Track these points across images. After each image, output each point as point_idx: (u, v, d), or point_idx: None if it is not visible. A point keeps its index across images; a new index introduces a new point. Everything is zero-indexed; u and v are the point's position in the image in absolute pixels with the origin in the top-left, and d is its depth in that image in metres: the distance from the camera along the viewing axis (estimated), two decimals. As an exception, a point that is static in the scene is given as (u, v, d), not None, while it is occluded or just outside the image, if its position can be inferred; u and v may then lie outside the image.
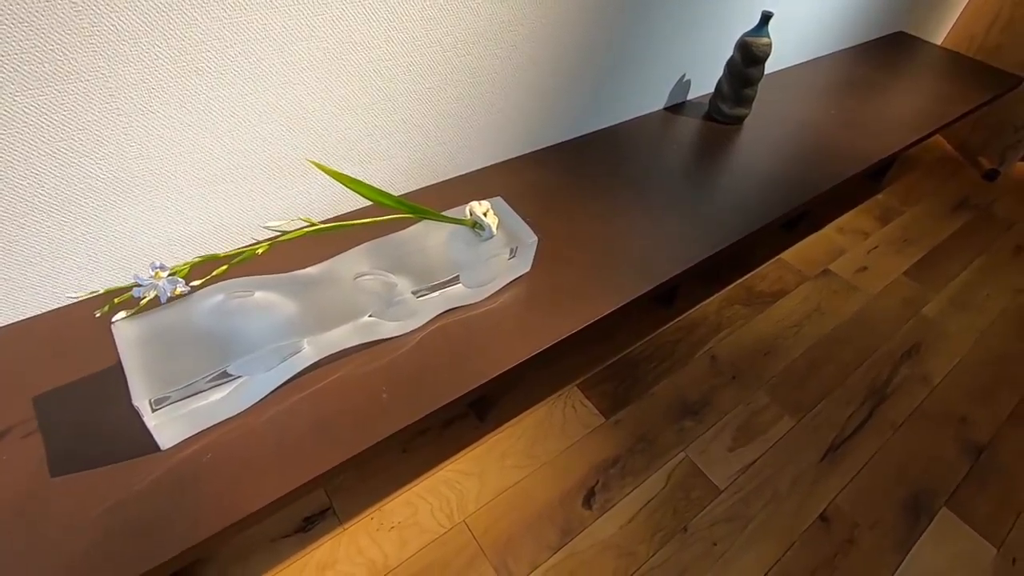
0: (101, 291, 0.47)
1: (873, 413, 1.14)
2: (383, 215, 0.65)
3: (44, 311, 0.70)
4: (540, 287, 0.81)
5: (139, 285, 0.46)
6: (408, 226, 0.76)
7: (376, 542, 0.87)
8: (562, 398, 1.09)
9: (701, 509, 0.97)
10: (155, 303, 0.54)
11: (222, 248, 0.79)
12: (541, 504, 0.94)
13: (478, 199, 0.75)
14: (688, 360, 1.19)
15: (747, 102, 1.19)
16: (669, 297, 1.25)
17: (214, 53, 0.63)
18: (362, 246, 0.72)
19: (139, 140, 0.64)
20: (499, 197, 0.80)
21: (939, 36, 2.09)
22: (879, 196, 1.72)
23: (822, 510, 0.99)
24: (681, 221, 0.97)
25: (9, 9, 0.51)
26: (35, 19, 0.52)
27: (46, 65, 0.55)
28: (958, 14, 2.03)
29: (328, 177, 0.59)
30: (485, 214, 0.72)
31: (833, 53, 1.66)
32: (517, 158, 1.06)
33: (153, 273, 0.46)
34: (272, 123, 0.73)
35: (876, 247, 1.54)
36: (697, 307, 1.30)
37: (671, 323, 1.26)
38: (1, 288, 0.65)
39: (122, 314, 0.47)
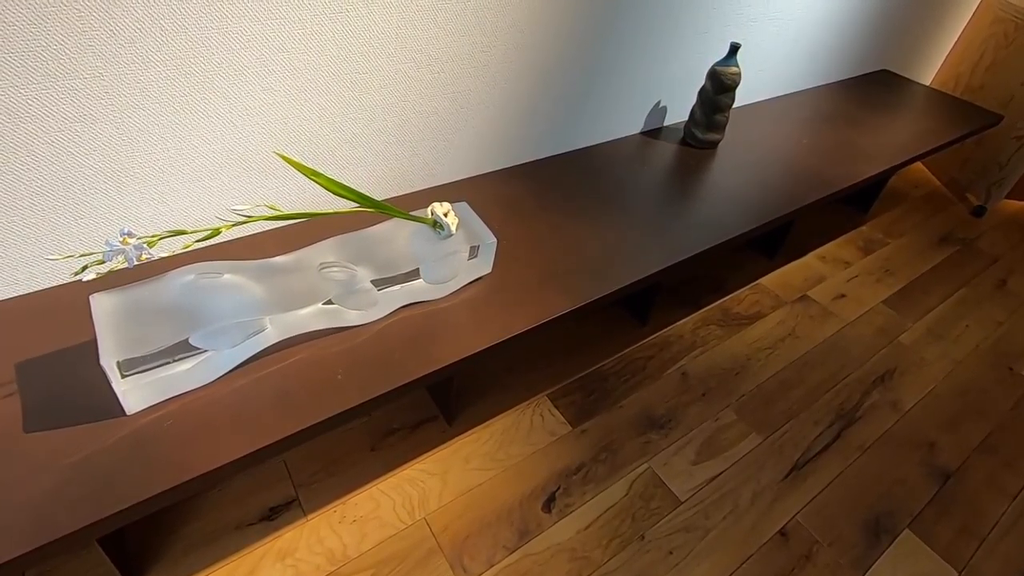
0: (77, 255, 0.53)
1: (840, 435, 1.15)
2: (345, 211, 0.70)
3: (36, 289, 0.76)
4: (499, 287, 0.86)
5: (109, 249, 0.51)
6: (375, 224, 0.81)
7: (337, 533, 0.90)
8: (531, 406, 1.12)
9: (660, 519, 0.98)
10: (133, 279, 0.60)
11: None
12: (501, 505, 0.96)
13: (445, 204, 0.81)
14: (659, 376, 1.21)
15: (719, 128, 1.25)
16: (643, 315, 1.28)
17: (201, 58, 0.71)
18: (329, 240, 0.77)
19: (130, 135, 0.71)
20: (463, 202, 0.85)
21: (927, 76, 2.15)
22: (863, 228, 1.75)
23: (782, 526, 0.99)
24: (645, 234, 1.01)
25: (20, 11, 0.58)
26: (43, 21, 0.60)
27: (50, 63, 0.62)
28: (945, 55, 2.10)
29: (304, 178, 0.65)
30: (445, 214, 0.77)
31: (813, 88, 1.72)
32: (492, 172, 1.12)
33: (121, 239, 0.51)
34: (253, 125, 0.80)
35: (856, 276, 1.56)
36: (672, 326, 1.33)
37: (645, 340, 1.28)
38: (-3, 264, 0.71)
39: (92, 275, 0.52)
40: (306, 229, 0.83)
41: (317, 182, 0.65)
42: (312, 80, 0.80)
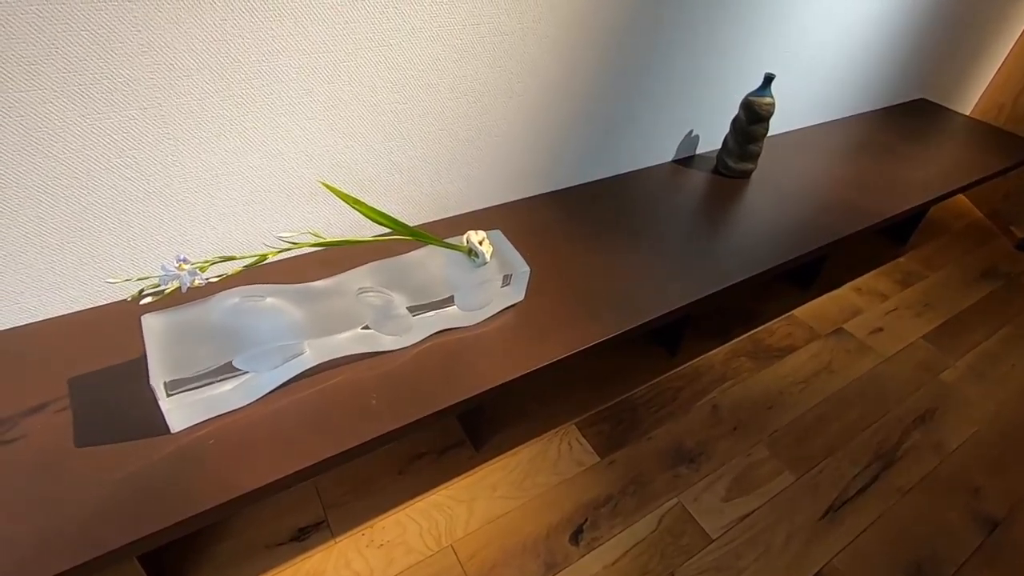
0: (135, 278, 0.55)
1: (879, 476, 1.11)
2: (384, 238, 0.72)
3: (90, 306, 0.79)
4: (531, 316, 0.86)
5: (165, 273, 0.53)
6: (411, 251, 0.83)
7: (364, 557, 0.90)
8: (558, 435, 1.11)
9: (690, 556, 0.95)
10: (180, 300, 0.62)
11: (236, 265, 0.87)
12: (528, 536, 0.95)
13: (480, 231, 0.82)
14: (689, 408, 1.19)
15: (752, 157, 1.24)
16: (673, 345, 1.27)
17: (252, 90, 0.74)
18: (367, 265, 0.79)
19: (182, 161, 0.74)
20: (497, 230, 0.86)
21: (966, 106, 2.11)
22: (901, 259, 1.71)
23: (818, 570, 0.95)
24: (676, 264, 1.01)
25: (89, 46, 0.62)
26: (110, 55, 0.63)
27: (114, 94, 0.66)
28: (986, 84, 2.06)
29: (343, 204, 0.67)
30: (480, 242, 0.78)
31: (849, 117, 1.71)
32: (524, 199, 1.13)
33: (177, 264, 0.53)
34: (297, 153, 0.82)
35: (894, 309, 1.52)
36: (702, 356, 1.31)
37: (675, 370, 1.27)
38: (54, 283, 0.75)
39: (148, 299, 0.54)
40: (344, 253, 0.85)
41: (359, 210, 0.67)
42: (354, 110, 0.83)
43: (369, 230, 0.97)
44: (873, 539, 1.00)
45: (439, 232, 1.03)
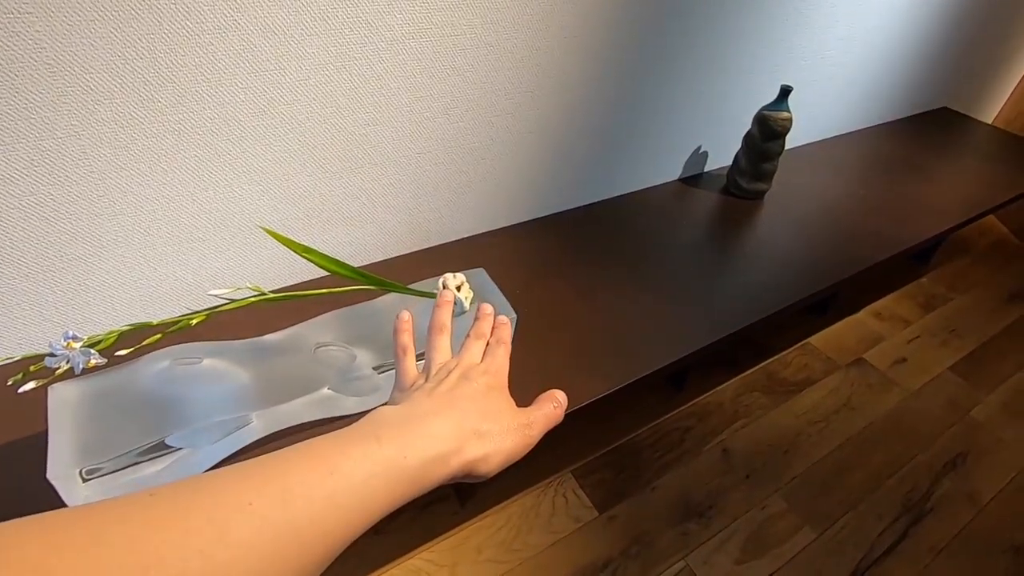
0: (17, 357, 0.45)
1: (908, 533, 1.00)
2: (345, 285, 0.61)
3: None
4: (518, 369, 0.74)
5: (52, 355, 0.43)
6: (379, 296, 0.72)
7: (329, 636, 0.79)
8: (553, 486, 1.00)
9: (699, 632, 0.85)
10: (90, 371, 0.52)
11: (179, 310, 0.76)
12: (516, 608, 0.84)
13: (464, 267, 0.71)
14: (698, 452, 1.09)
15: (767, 177, 1.13)
16: (679, 380, 1.16)
17: (191, 113, 0.63)
18: (327, 315, 0.68)
19: (111, 197, 0.64)
20: (481, 269, 0.75)
21: (989, 114, 2.00)
22: (923, 280, 1.60)
23: (844, 648, 0.85)
24: (683, 302, 0.90)
25: (-18, 69, 0.51)
26: (8, 77, 0.53)
27: (19, 123, 0.55)
28: (1009, 92, 1.94)
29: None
30: (459, 288, 0.67)
31: (869, 127, 1.59)
32: (514, 225, 1.02)
33: (65, 343, 0.43)
34: (249, 183, 0.72)
35: (918, 337, 1.41)
36: (711, 392, 1.20)
37: (681, 408, 1.16)
38: (-38, 337, 0.64)
39: (31, 384, 0.44)
40: (299, 301, 0.75)
41: (310, 259, 0.56)
42: (316, 134, 0.73)
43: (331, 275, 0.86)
44: (905, 611, 0.89)
45: (418, 265, 0.92)
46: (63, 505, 0.51)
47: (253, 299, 0.54)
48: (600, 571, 0.90)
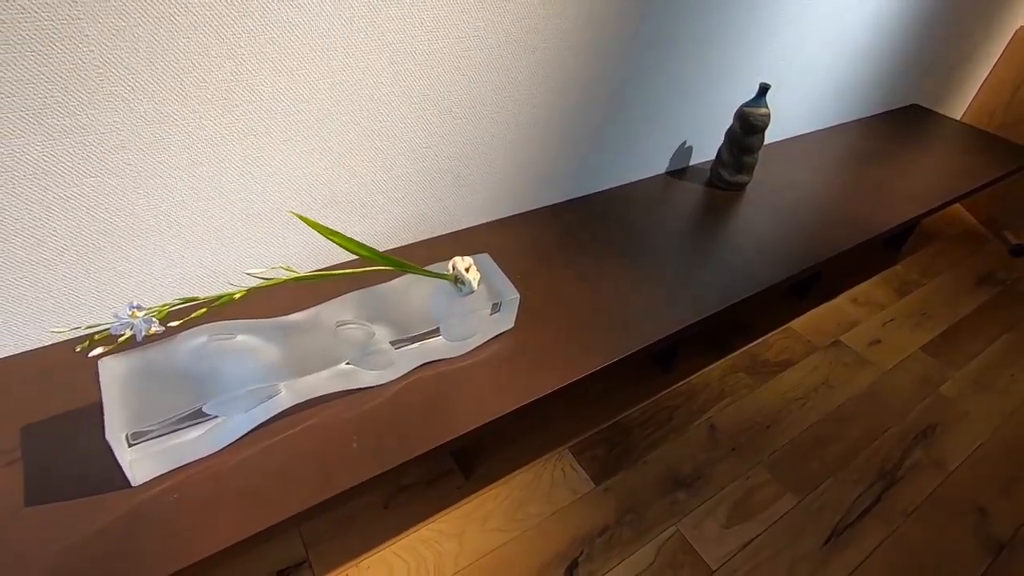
0: (83, 328, 0.50)
1: (882, 497, 1.07)
2: (364, 267, 0.67)
3: (47, 344, 0.74)
4: (522, 345, 0.82)
5: (117, 322, 0.49)
6: (394, 278, 0.78)
7: (347, 600, 0.85)
8: (551, 460, 1.06)
9: (690, 589, 0.91)
10: (135, 343, 0.57)
11: (214, 291, 0.82)
12: (521, 571, 0.90)
13: (467, 254, 0.78)
14: (685, 429, 1.16)
15: (748, 169, 1.20)
16: (667, 361, 1.23)
17: (220, 111, 0.69)
18: (346, 295, 0.74)
19: (145, 189, 0.69)
20: (485, 254, 0.82)
21: (957, 111, 2.10)
22: (897, 267, 1.69)
23: (823, 600, 0.92)
24: (671, 284, 0.97)
25: (33, 67, 0.57)
26: (60, 77, 0.58)
27: (65, 119, 0.61)
28: (976, 89, 2.04)
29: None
30: (467, 269, 0.73)
31: (843, 124, 1.68)
32: (513, 216, 1.09)
33: (130, 312, 0.48)
34: (271, 176, 0.77)
35: (892, 320, 1.49)
36: (698, 373, 1.27)
37: (670, 388, 1.23)
38: (7, 320, 0.69)
39: (99, 349, 0.50)
40: (321, 283, 0.80)
41: (335, 241, 0.62)
42: (332, 130, 0.78)
43: (347, 256, 0.92)
44: (878, 565, 0.97)
45: (424, 253, 0.99)
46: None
47: (287, 278, 0.60)
48: (598, 536, 0.96)
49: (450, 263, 0.75)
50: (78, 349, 0.51)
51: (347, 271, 0.66)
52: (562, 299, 0.91)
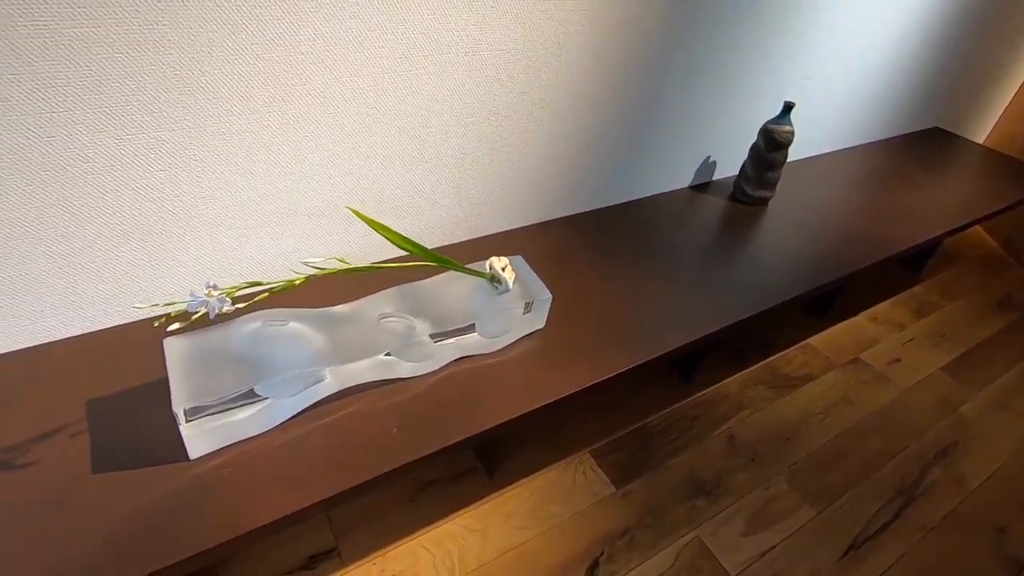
0: (162, 304, 0.54)
1: (901, 513, 1.08)
2: (409, 262, 0.71)
3: (109, 326, 0.78)
4: (551, 344, 0.85)
5: (193, 299, 0.53)
6: (433, 275, 0.82)
7: (374, 588, 0.88)
8: (573, 463, 1.09)
9: (709, 594, 0.93)
10: (201, 324, 0.61)
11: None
12: (544, 569, 0.92)
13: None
14: (705, 437, 1.17)
15: (770, 185, 1.24)
16: (688, 372, 1.25)
17: (278, 112, 0.74)
18: (389, 290, 0.78)
19: (208, 183, 0.74)
20: (519, 256, 0.85)
21: (979, 135, 2.11)
22: (916, 288, 1.70)
23: (840, 610, 0.93)
24: (694, 294, 1.00)
25: (121, 67, 0.62)
26: (142, 76, 0.63)
27: (145, 116, 0.66)
28: (999, 113, 2.06)
29: (366, 226, 0.67)
30: (503, 269, 0.77)
31: (864, 144, 1.71)
32: (544, 223, 1.13)
33: (206, 291, 0.52)
34: (322, 175, 0.82)
35: (911, 340, 1.50)
36: (718, 385, 1.29)
37: (690, 398, 1.25)
38: (73, 302, 0.74)
39: (176, 325, 0.54)
40: (365, 277, 0.84)
41: (385, 236, 0.66)
42: (379, 134, 0.83)
43: (387, 253, 0.97)
44: (897, 579, 0.98)
45: (458, 255, 1.02)
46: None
47: (340, 270, 0.64)
48: (618, 538, 0.98)
49: (487, 262, 0.79)
50: (156, 324, 0.55)
51: (395, 264, 0.70)
52: (588, 303, 0.94)
